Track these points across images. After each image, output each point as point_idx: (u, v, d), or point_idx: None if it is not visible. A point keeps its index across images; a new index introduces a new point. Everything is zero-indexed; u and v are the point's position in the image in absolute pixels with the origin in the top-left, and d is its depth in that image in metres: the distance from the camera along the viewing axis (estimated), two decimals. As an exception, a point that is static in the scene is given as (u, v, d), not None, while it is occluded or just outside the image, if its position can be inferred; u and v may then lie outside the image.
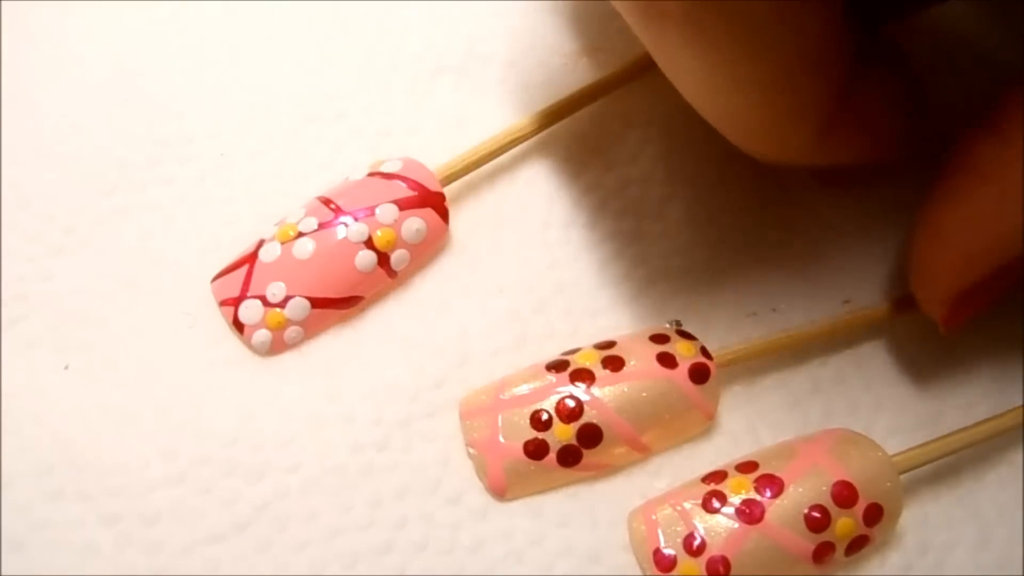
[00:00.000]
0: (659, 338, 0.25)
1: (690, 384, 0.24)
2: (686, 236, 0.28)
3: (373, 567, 0.23)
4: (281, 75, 0.29)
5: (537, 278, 0.27)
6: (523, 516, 0.24)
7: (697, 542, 0.23)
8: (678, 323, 0.26)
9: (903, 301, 0.26)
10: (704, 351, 0.25)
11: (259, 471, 0.24)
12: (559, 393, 0.24)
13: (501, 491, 0.24)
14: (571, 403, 0.24)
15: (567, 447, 0.24)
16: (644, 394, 0.24)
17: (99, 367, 0.25)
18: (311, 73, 0.29)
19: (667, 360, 0.25)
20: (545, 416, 0.24)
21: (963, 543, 0.25)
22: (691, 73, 0.22)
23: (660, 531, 0.23)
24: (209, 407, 0.25)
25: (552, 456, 0.24)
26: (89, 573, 0.23)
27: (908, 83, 0.25)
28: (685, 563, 0.23)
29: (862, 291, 0.28)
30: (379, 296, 0.26)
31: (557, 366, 0.25)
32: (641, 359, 0.25)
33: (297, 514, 0.24)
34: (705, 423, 0.25)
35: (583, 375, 0.24)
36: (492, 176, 0.28)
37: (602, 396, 0.24)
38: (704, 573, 0.23)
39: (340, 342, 0.26)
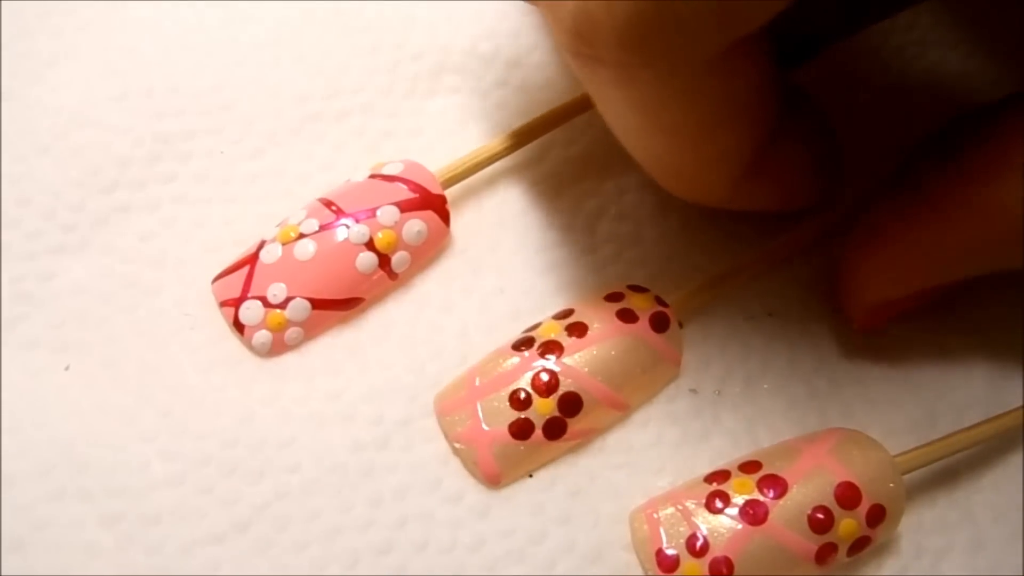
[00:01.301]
0: (614, 296, 0.26)
1: (653, 335, 0.25)
2: (684, 242, 0.28)
3: (373, 567, 0.23)
4: (282, 73, 0.29)
5: (538, 279, 0.27)
6: (524, 514, 0.24)
7: (700, 542, 0.23)
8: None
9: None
10: (659, 300, 0.26)
11: (259, 471, 0.24)
12: (532, 369, 0.24)
13: (495, 479, 0.24)
14: (546, 376, 0.24)
15: (551, 420, 0.24)
16: (613, 353, 0.25)
17: (99, 367, 0.25)
18: (312, 71, 0.29)
19: (627, 316, 0.25)
20: (523, 394, 0.24)
21: (958, 546, 0.25)
22: (617, 112, 0.22)
23: (662, 531, 0.23)
24: (210, 407, 0.25)
25: (539, 432, 0.24)
26: (90, 573, 0.23)
27: (823, 133, 0.26)
28: (688, 563, 0.23)
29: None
30: (380, 298, 0.26)
31: (523, 343, 0.25)
32: (603, 320, 0.25)
33: (298, 514, 0.24)
34: (674, 370, 0.26)
35: (551, 347, 0.25)
36: (493, 179, 0.28)
37: (574, 363, 0.24)
38: (707, 573, 0.23)
39: (340, 342, 0.26)
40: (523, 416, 0.24)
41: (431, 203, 0.26)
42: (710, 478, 0.24)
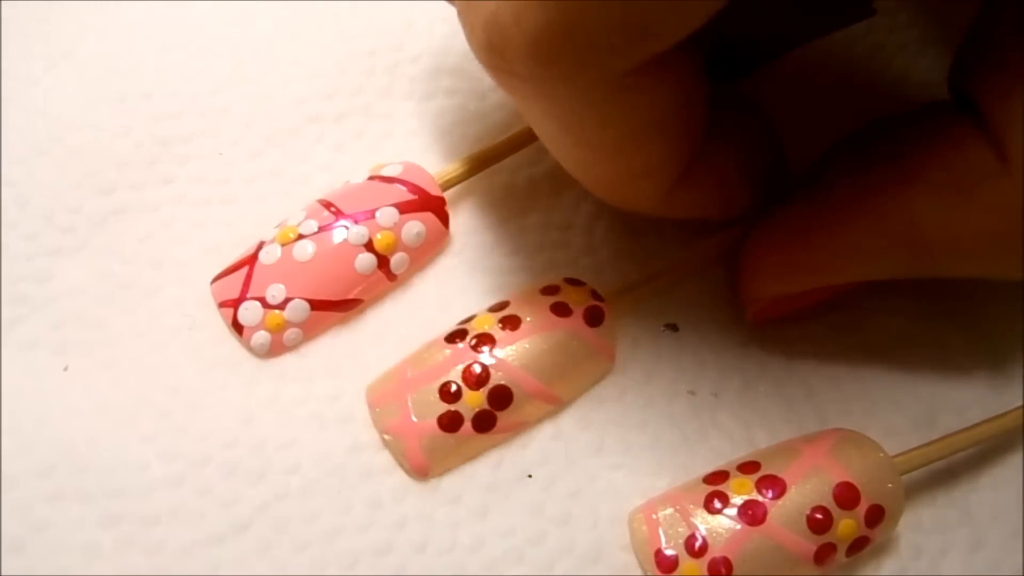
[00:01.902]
0: (550, 290, 0.26)
1: (587, 329, 0.25)
2: (682, 241, 0.28)
3: (373, 567, 0.23)
4: (280, 75, 0.29)
5: (536, 279, 0.27)
6: (524, 515, 0.24)
7: (699, 543, 0.23)
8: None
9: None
10: (595, 294, 0.26)
11: (259, 472, 0.24)
12: (464, 362, 0.24)
13: (423, 471, 0.24)
14: (477, 369, 0.24)
15: (480, 413, 0.24)
16: (545, 346, 0.25)
17: (99, 368, 0.25)
18: (311, 74, 0.29)
19: (561, 310, 0.25)
20: (454, 387, 0.24)
21: (957, 546, 0.25)
22: (538, 123, 0.22)
23: (661, 531, 0.23)
24: (209, 408, 0.25)
25: (468, 425, 0.24)
26: (89, 574, 0.23)
27: (765, 141, 0.25)
28: (687, 564, 0.23)
29: (855, 295, 0.28)
30: (378, 299, 0.26)
31: (456, 335, 0.25)
32: (536, 314, 0.25)
33: (297, 515, 0.24)
34: (607, 364, 0.26)
35: (484, 340, 0.25)
36: (492, 180, 0.28)
37: (505, 356, 0.24)
38: (706, 574, 0.23)
39: (339, 343, 0.26)
40: (452, 408, 0.24)
41: (430, 204, 0.26)
42: (709, 479, 0.24)
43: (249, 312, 0.25)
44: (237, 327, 0.25)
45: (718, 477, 0.24)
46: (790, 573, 0.23)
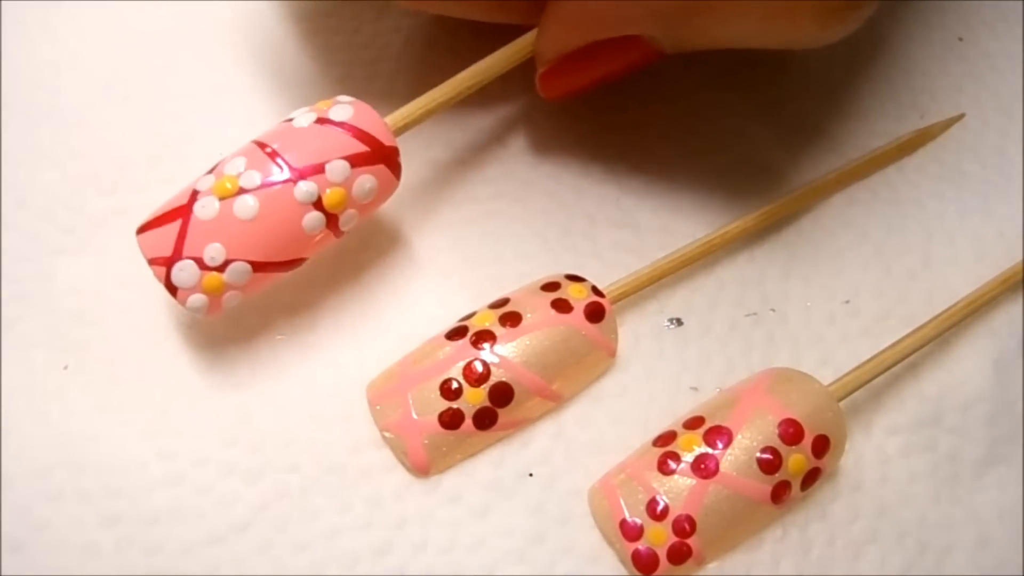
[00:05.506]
0: (550, 286, 0.25)
1: (588, 325, 0.25)
2: (684, 235, 0.28)
3: (373, 567, 0.23)
4: (281, 74, 0.29)
5: (536, 273, 0.26)
6: (524, 515, 0.24)
7: (660, 506, 0.23)
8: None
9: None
10: (596, 290, 0.25)
11: (258, 471, 0.24)
12: (464, 359, 0.24)
13: (425, 468, 0.24)
14: (478, 366, 0.24)
15: (481, 410, 0.24)
16: (546, 343, 0.24)
17: (99, 367, 0.25)
18: (311, 70, 0.29)
19: (562, 306, 0.25)
20: (455, 384, 0.24)
21: (962, 544, 0.25)
22: None
23: (622, 501, 0.24)
24: (208, 407, 0.25)
25: (468, 422, 0.24)
26: (89, 573, 0.23)
27: None
28: (652, 529, 0.23)
29: (861, 294, 0.28)
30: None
31: (457, 333, 0.25)
32: (537, 310, 0.25)
33: (297, 514, 0.24)
34: (608, 360, 0.26)
35: (484, 336, 0.24)
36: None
37: (506, 353, 0.24)
38: (672, 535, 0.23)
39: (339, 341, 0.26)
40: (453, 406, 0.24)
41: (383, 156, 0.24)
42: (658, 442, 0.24)
43: (185, 273, 0.23)
44: (170, 287, 0.23)
45: (666, 438, 0.24)
46: (751, 517, 0.24)
